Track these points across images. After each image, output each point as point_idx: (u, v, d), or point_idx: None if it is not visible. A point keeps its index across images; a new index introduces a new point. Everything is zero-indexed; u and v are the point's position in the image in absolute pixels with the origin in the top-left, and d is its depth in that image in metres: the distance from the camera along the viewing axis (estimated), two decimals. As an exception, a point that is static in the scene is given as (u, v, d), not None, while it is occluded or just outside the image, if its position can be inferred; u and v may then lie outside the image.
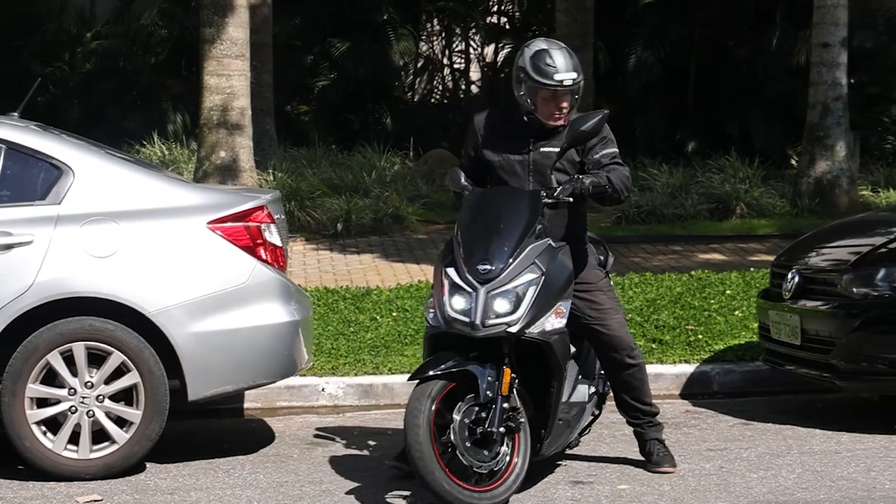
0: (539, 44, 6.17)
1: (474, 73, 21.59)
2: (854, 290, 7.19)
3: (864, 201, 13.98)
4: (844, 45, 13.66)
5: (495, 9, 21.34)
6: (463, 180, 6.18)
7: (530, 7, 20.74)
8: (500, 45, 20.78)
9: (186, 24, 17.80)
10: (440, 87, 21.40)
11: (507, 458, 5.75)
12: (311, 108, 18.81)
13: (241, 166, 13.04)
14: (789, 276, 7.58)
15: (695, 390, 8.31)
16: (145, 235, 6.50)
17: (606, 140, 6.19)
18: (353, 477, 6.38)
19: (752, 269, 10.50)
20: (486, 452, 5.69)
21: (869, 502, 5.79)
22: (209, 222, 6.59)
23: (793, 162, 16.75)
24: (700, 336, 8.79)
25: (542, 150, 6.16)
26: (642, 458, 6.46)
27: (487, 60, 21.17)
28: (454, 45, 21.34)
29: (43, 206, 6.48)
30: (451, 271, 5.82)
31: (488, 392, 5.68)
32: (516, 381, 5.79)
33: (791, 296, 7.52)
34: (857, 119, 15.67)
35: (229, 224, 6.61)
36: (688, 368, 8.41)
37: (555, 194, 6.03)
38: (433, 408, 5.62)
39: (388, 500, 6.00)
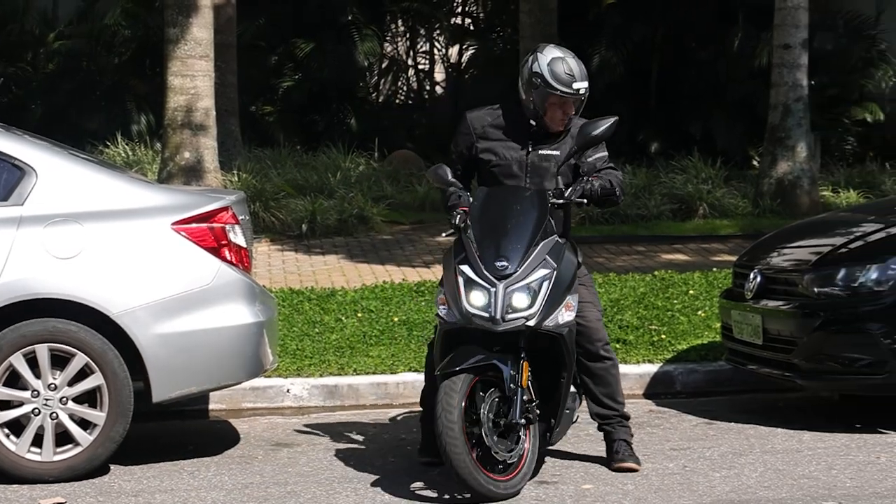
0: (554, 51, 6.36)
1: (439, 74, 21.61)
2: (815, 289, 7.24)
3: (825, 202, 14.08)
4: (805, 47, 13.76)
5: (459, 10, 21.36)
6: (450, 177, 6.30)
7: (494, 8, 20.77)
8: (465, 45, 20.80)
9: (150, 25, 17.72)
10: (405, 88, 21.39)
11: (523, 448, 5.96)
12: (276, 108, 18.76)
13: (206, 167, 13.00)
14: (751, 276, 7.63)
15: (658, 390, 8.36)
16: (109, 236, 6.48)
17: (600, 144, 6.43)
18: (318, 478, 6.38)
19: (714, 269, 10.57)
20: (508, 443, 5.89)
21: (830, 500, 5.83)
22: (173, 223, 6.58)
23: (755, 162, 16.83)
24: (663, 336, 8.84)
25: (540, 152, 6.36)
26: (606, 458, 6.51)
27: (452, 61, 21.19)
28: (418, 46, 21.34)
29: (5, 207, 6.45)
30: (466, 268, 5.98)
31: (511, 385, 5.87)
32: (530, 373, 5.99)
33: (753, 296, 7.57)
34: (818, 120, 15.76)
35: (194, 225, 6.60)
36: (651, 368, 8.47)
37: (566, 195, 6.21)
38: (463, 403, 5.79)
39: (353, 500, 6.01)
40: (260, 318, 6.71)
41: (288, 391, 8.23)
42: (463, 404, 5.79)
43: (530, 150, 6.35)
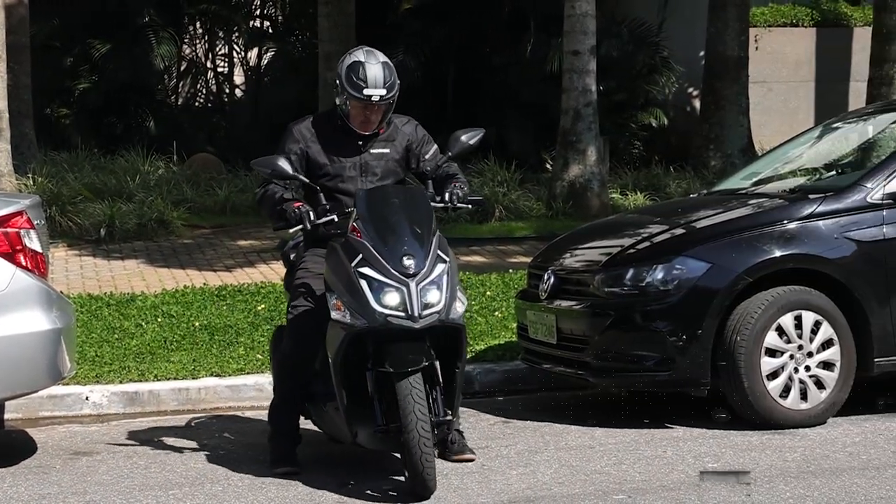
0: (358, 55, 6.45)
1: (238, 77, 21.49)
2: (605, 289, 7.45)
3: (614, 204, 14.49)
4: (594, 53, 14.14)
5: (258, 13, 21.29)
6: (290, 170, 6.32)
7: (293, 11, 20.76)
8: (264, 48, 20.74)
9: (-63, 24, 17.17)
10: (204, 91, 21.21)
11: None
12: (72, 111, 18.40)
13: (-1, 171, 12.72)
14: (545, 276, 7.84)
15: (457, 390, 8.51)
16: None
17: (429, 138, 6.62)
18: (118, 486, 6.34)
19: (510, 270, 10.81)
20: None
21: (620, 494, 6.03)
22: (-34, 230, 6.46)
23: (548, 166, 17.23)
24: (462, 337, 9.01)
25: (372, 151, 6.49)
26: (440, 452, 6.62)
27: (251, 64, 21.12)
28: (217, 49, 21.20)
29: None
30: (369, 270, 5.99)
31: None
32: None
33: (547, 296, 7.78)
34: (607, 124, 16.21)
35: (-13, 231, 6.49)
36: (450, 369, 8.61)
37: (447, 200, 6.39)
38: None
39: (155, 507, 6.01)
40: (57, 325, 6.63)
41: (87, 399, 8.14)
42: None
43: (362, 150, 6.49)
